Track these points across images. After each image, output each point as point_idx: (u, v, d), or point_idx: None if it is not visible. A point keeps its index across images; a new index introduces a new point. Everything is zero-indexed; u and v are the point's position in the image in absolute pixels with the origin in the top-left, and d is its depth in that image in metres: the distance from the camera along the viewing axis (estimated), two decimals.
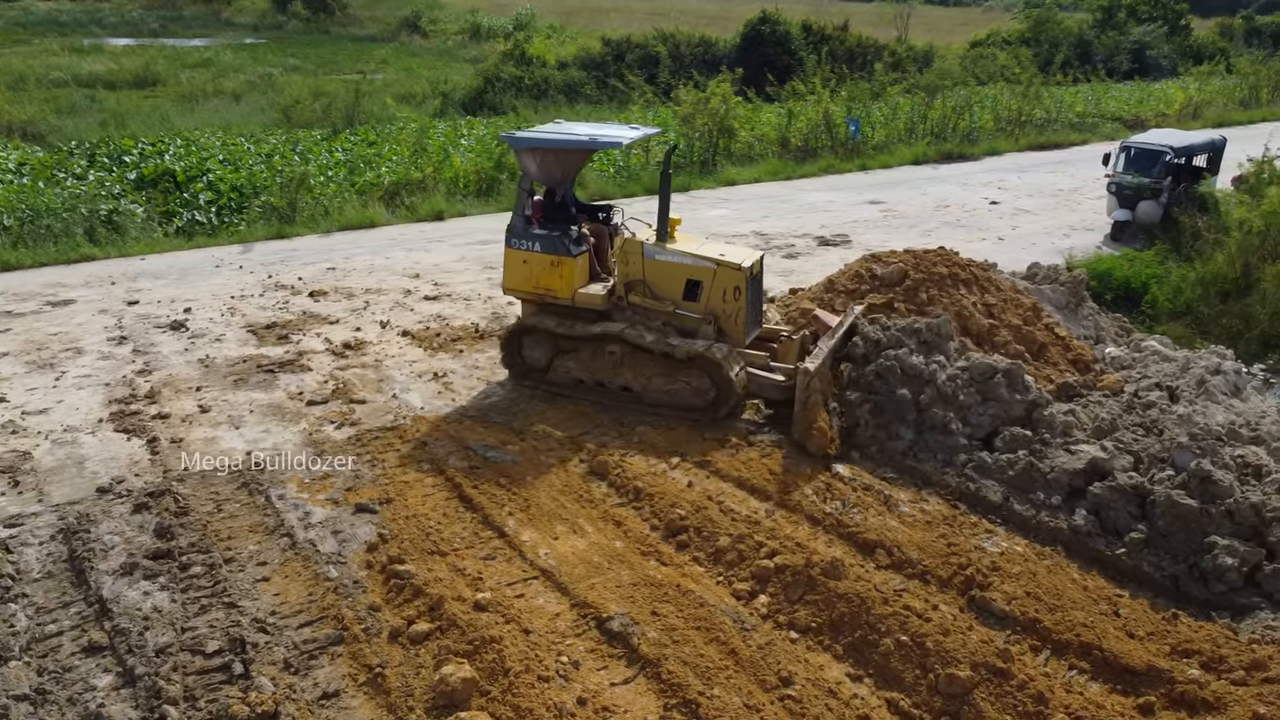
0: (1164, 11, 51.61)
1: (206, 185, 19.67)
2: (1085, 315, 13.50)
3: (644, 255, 9.94)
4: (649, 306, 10.00)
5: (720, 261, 9.80)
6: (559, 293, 10.06)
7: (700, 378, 9.73)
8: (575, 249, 10.00)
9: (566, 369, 10.29)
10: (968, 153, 26.14)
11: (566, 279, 9.99)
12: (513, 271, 10.25)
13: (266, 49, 47.48)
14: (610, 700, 6.26)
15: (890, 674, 6.68)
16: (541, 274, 10.06)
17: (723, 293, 9.82)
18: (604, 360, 10.05)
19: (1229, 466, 8.58)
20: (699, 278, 9.88)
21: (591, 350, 10.11)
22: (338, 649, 6.61)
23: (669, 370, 9.84)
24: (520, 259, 10.12)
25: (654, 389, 9.93)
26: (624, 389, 10.09)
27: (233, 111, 31.07)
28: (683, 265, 9.88)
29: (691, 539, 7.98)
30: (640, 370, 9.95)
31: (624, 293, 10.07)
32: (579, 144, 9.97)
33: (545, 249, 9.98)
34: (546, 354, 10.37)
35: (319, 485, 8.59)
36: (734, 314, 9.87)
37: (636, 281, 10.00)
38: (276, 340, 11.87)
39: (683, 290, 9.92)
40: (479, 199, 19.63)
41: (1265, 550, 7.87)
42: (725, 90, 23.34)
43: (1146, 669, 6.78)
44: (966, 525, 8.34)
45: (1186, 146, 17.85)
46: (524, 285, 10.24)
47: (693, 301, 9.92)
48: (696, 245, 10.20)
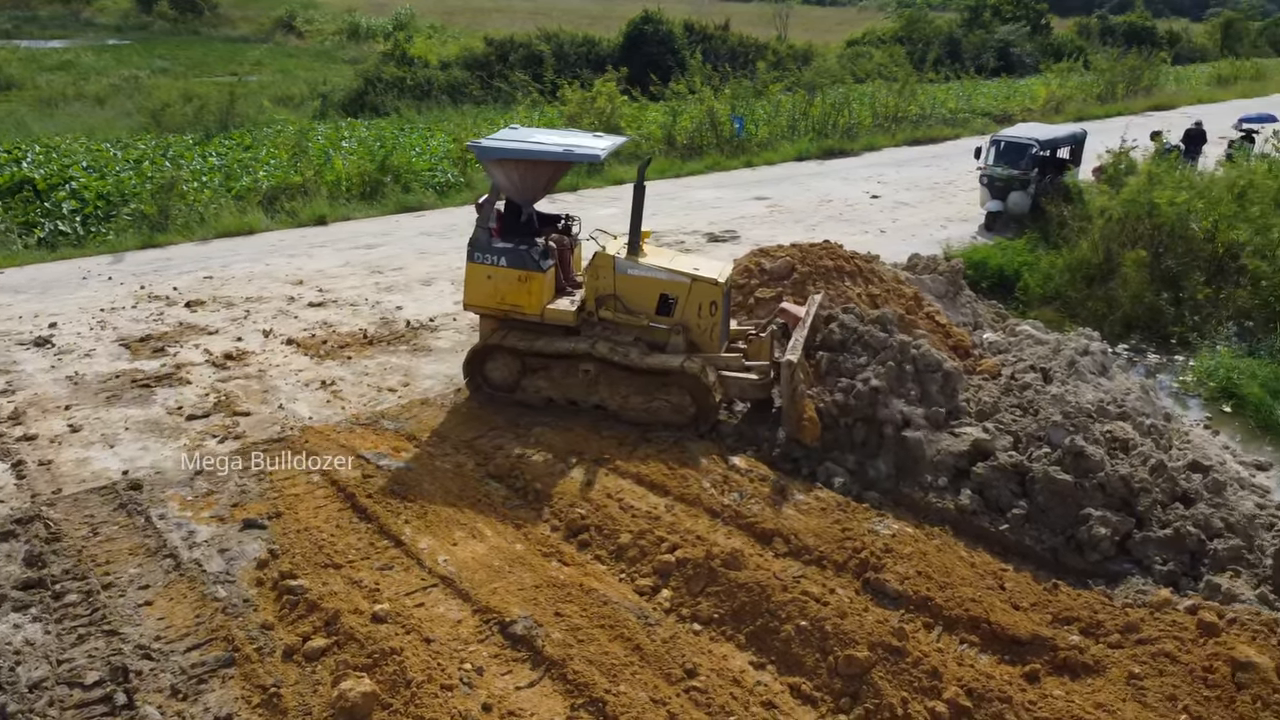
0: (1026, 11, 54.08)
1: (70, 194, 18.69)
2: (963, 303, 14.03)
3: (616, 270, 9.65)
4: (621, 321, 9.75)
5: (695, 276, 9.64)
6: (527, 309, 9.71)
7: (680, 394, 9.51)
8: (544, 263, 9.66)
9: (537, 388, 9.92)
10: (848, 148, 26.85)
11: (535, 295, 9.65)
12: (476, 287, 9.79)
13: (131, 50, 45.45)
14: (516, 704, 6.20)
15: (792, 659, 6.81)
16: (508, 290, 9.67)
17: (698, 307, 9.65)
18: (577, 378, 9.74)
19: (1099, 442, 9.05)
20: (673, 292, 9.68)
21: (564, 368, 9.77)
22: (229, 671, 6.36)
23: (647, 388, 9.58)
24: (484, 274, 9.69)
25: (632, 407, 9.64)
26: (598, 407, 9.77)
27: (97, 116, 29.62)
28: (657, 280, 9.67)
29: (593, 538, 7.97)
30: (616, 388, 9.65)
31: (595, 308, 9.78)
32: (555, 156, 9.55)
33: (512, 263, 9.59)
34: (513, 373, 9.99)
35: (203, 502, 8.25)
36: (709, 328, 9.72)
37: (608, 296, 9.73)
38: (152, 353, 11.34)
39: (656, 305, 9.73)
40: (363, 202, 19.17)
41: (1135, 519, 8.34)
42: (611, 89, 23.43)
43: (1031, 638, 7.08)
44: (859, 511, 8.56)
45: (1051, 139, 18.71)
46: (488, 302, 9.82)
47: (666, 316, 9.73)
48: (669, 259, 10.04)
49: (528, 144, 9.63)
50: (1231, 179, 16.86)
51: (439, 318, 12.80)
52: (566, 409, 9.89)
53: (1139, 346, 14.21)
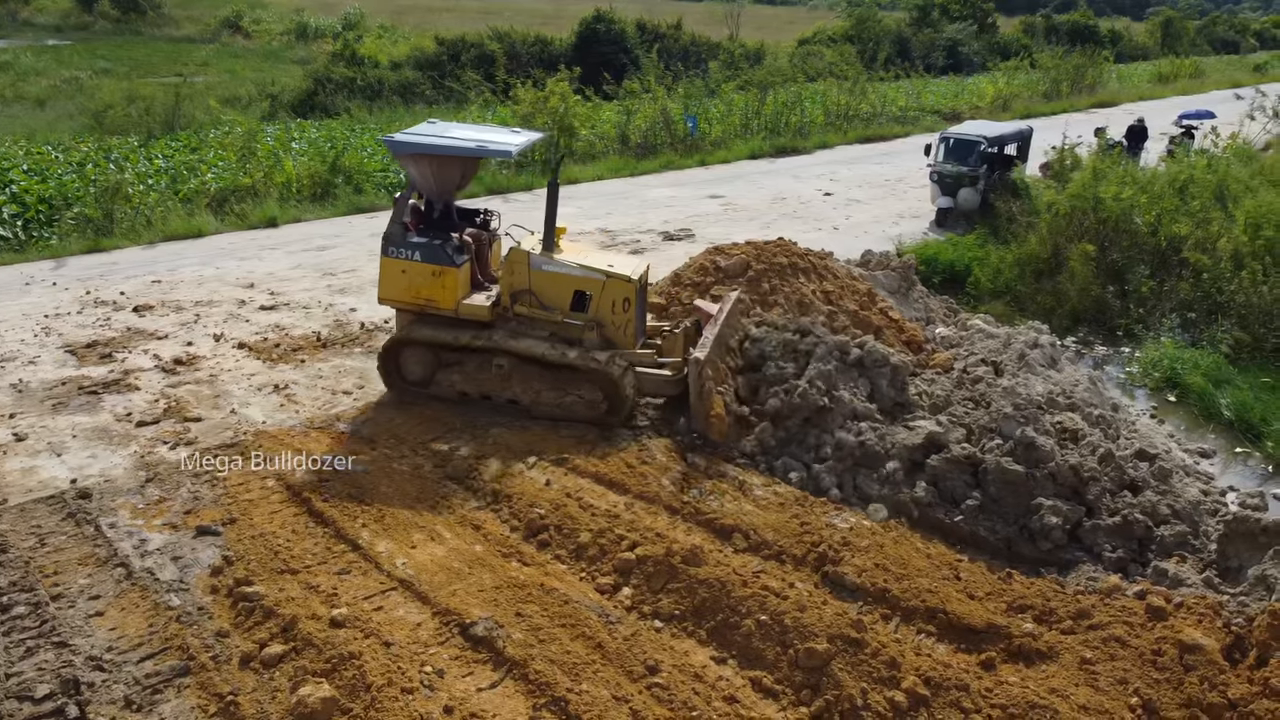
0: (973, 10, 54.90)
1: (10, 198, 18.20)
2: (916, 298, 14.23)
3: (531, 266, 9.68)
4: (536, 317, 9.76)
5: (609, 273, 9.70)
6: (441, 304, 9.72)
7: (592, 390, 9.58)
8: (458, 258, 9.66)
9: (450, 383, 9.93)
10: (800, 146, 27.06)
11: (450, 289, 9.65)
12: (390, 282, 9.81)
13: (72, 51, 44.39)
14: (478, 706, 6.18)
15: (753, 653, 6.86)
16: (422, 284, 9.68)
17: (611, 304, 9.71)
18: (490, 373, 9.78)
19: (1049, 432, 9.24)
20: (588, 289, 9.72)
21: (477, 363, 9.81)
22: (184, 680, 6.26)
23: (559, 383, 9.66)
24: (399, 269, 9.69)
25: (544, 402, 9.70)
26: (511, 402, 9.82)
27: (37, 118, 28.89)
28: (571, 276, 9.70)
29: (552, 537, 7.96)
30: (529, 383, 9.71)
31: (509, 303, 9.80)
32: (466, 151, 9.63)
33: (426, 258, 9.60)
34: (428, 368, 9.99)
35: (154, 510, 8.09)
36: (623, 324, 9.78)
37: (523, 292, 9.74)
38: (99, 359, 11.10)
39: (571, 301, 9.76)
40: (314, 204, 18.92)
41: (1085, 508, 8.52)
42: (564, 89, 23.36)
43: (986, 627, 7.22)
44: (817, 505, 8.64)
45: (999, 136, 19.02)
46: (403, 296, 9.83)
47: (580, 312, 9.77)
48: (584, 256, 10.04)
49: (440, 139, 9.63)
50: (1173, 174, 17.27)
51: (393, 320, 12.65)
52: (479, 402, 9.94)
53: (1086, 339, 14.49)
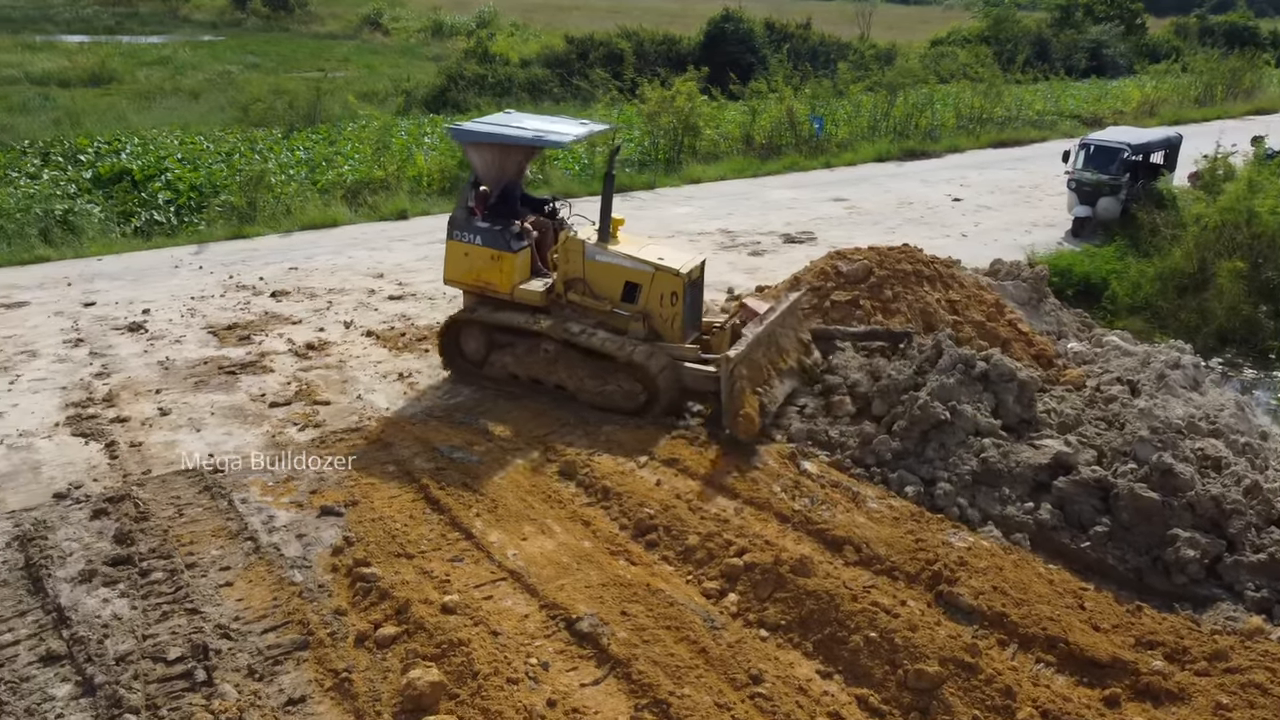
0: (1120, 10, 52.38)
1: (165, 184, 19.36)
2: (1047, 311, 13.66)
3: (585, 255, 9.94)
4: (587, 305, 10.00)
5: (658, 266, 9.81)
6: (499, 287, 10.09)
7: (630, 380, 9.73)
8: (516, 244, 9.99)
9: (502, 364, 10.26)
10: (930, 150, 26.34)
11: (506, 273, 10.00)
12: (454, 263, 10.30)
13: (225, 46, 46.80)
14: (580, 701, 6.22)
15: (860, 670, 6.71)
16: (482, 267, 10.09)
17: (660, 297, 9.84)
18: (539, 357, 10.04)
19: (1189, 459, 8.71)
20: (637, 280, 9.89)
21: (527, 346, 10.11)
22: (303, 654, 6.51)
23: (600, 372, 9.83)
24: (462, 251, 10.15)
25: (586, 390, 9.90)
26: (559, 387, 10.06)
27: (191, 110, 30.58)
28: (621, 267, 9.90)
29: (660, 538, 7.96)
30: (573, 370, 9.92)
31: (563, 290, 10.06)
32: (523, 140, 9.85)
33: (486, 242, 9.98)
34: (482, 347, 10.37)
35: (283, 488, 8.46)
36: (670, 318, 9.89)
37: (576, 280, 10.00)
38: (238, 341, 11.68)
39: (621, 291, 9.94)
40: (442, 197, 19.44)
41: (1226, 542, 8.00)
42: (690, 88, 23.35)
43: (1111, 661, 6.86)
44: (933, 521, 8.39)
45: (1144, 144, 18.11)
46: (464, 277, 10.30)
47: (630, 303, 9.94)
48: (637, 247, 10.17)
49: (501, 128, 9.93)
50: None
51: None
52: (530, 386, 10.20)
53: (1234, 361, 13.67)
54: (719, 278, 14.94)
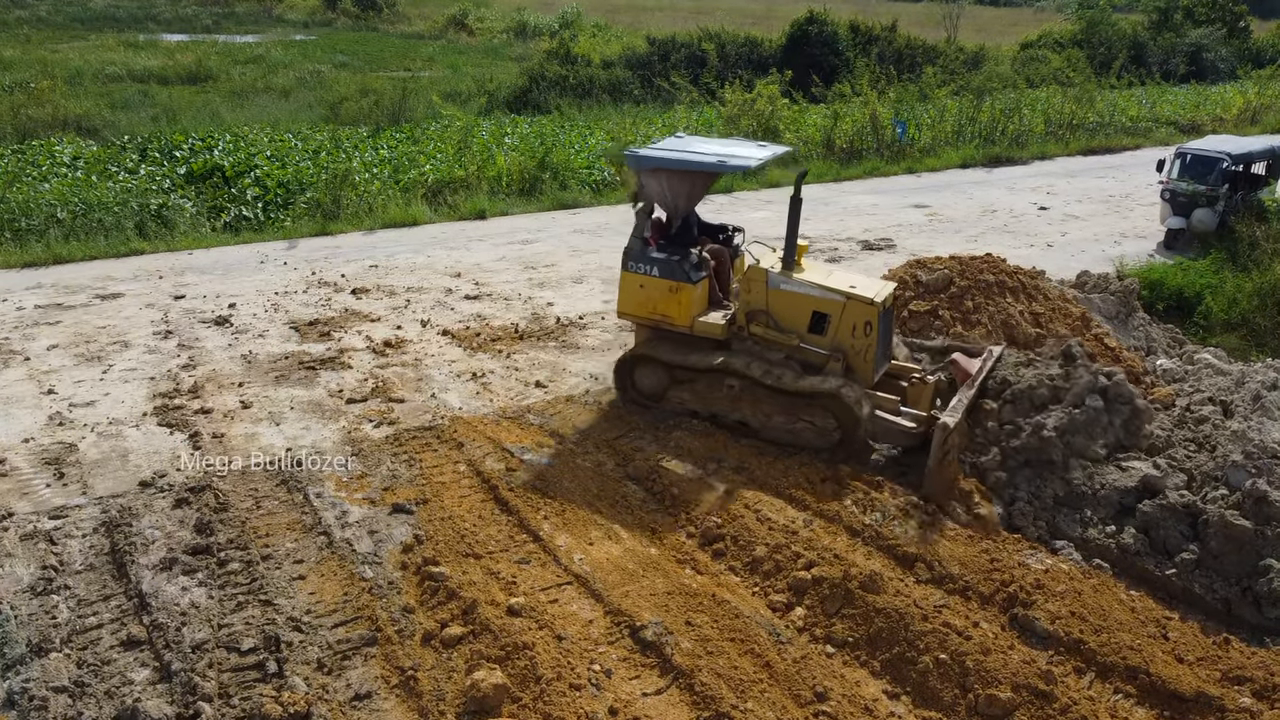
0: (1222, 13, 50.37)
1: (254, 181, 19.91)
2: (1136, 325, 13.19)
3: (768, 284, 9.34)
4: (771, 339, 9.42)
5: (850, 295, 9.18)
6: (677, 320, 9.57)
7: (825, 417, 9.15)
8: (695, 275, 9.45)
9: (680, 400, 9.82)
10: (1016, 156, 25.67)
11: (685, 306, 9.49)
12: (628, 296, 9.77)
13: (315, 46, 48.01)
14: (642, 710, 6.20)
15: (929, 692, 6.56)
16: (659, 300, 9.57)
17: (852, 327, 9.18)
18: (721, 393, 9.55)
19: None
20: (827, 310, 9.24)
21: (708, 382, 9.60)
22: (371, 650, 6.61)
23: (791, 407, 9.27)
24: (637, 283, 9.63)
25: (774, 426, 9.39)
26: (740, 423, 9.55)
27: (281, 108, 31.43)
28: (809, 297, 9.27)
29: (728, 547, 7.89)
30: (760, 406, 9.39)
31: (745, 322, 9.51)
32: (706, 166, 9.32)
33: (664, 274, 9.47)
34: (661, 382, 9.92)
35: (356, 484, 8.61)
36: (863, 350, 9.23)
37: (759, 311, 9.43)
38: (318, 337, 11.95)
39: (809, 323, 9.32)
40: (521, 198, 19.63)
41: None
42: (772, 91, 23.17)
43: (1196, 695, 6.59)
44: (1010, 541, 8.16)
45: (1245, 153, 17.37)
46: (640, 311, 9.77)
47: (819, 335, 9.30)
48: (825, 275, 9.60)
49: (681, 154, 9.43)
50: None
51: (588, 316, 12.96)
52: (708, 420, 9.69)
53: None
54: None
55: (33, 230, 15.80)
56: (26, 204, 16.44)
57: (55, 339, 11.68)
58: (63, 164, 20.02)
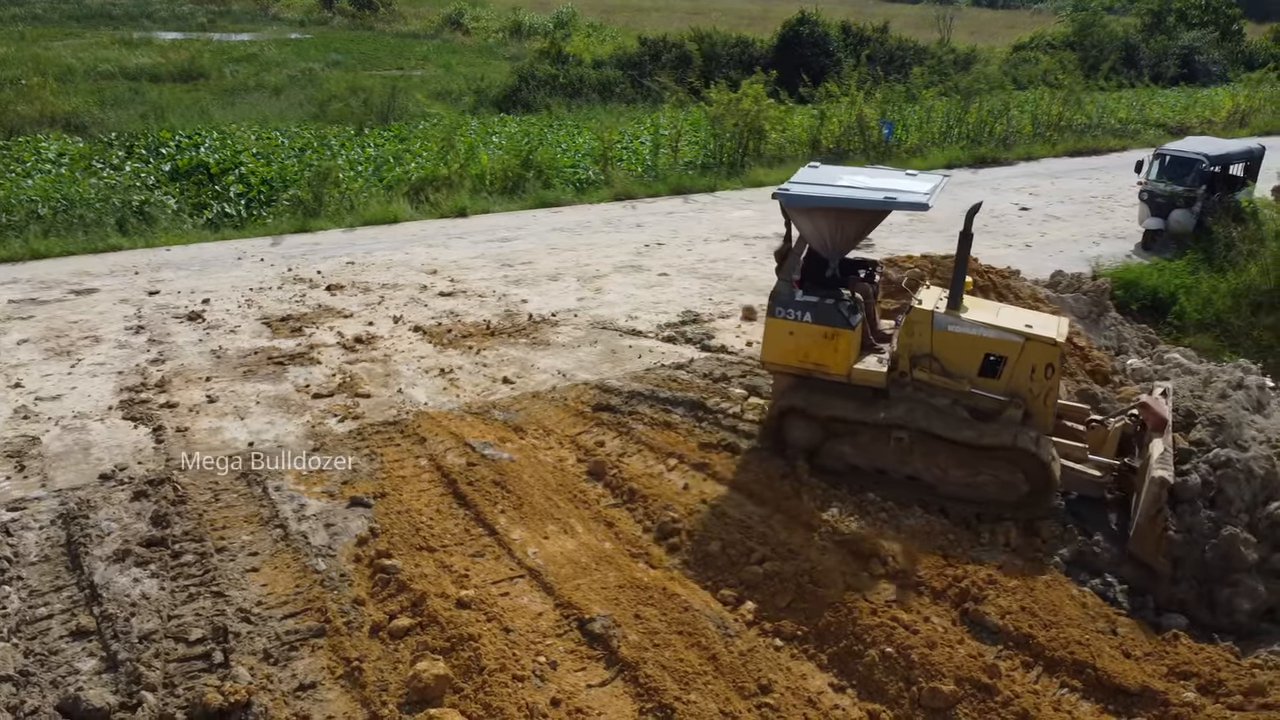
0: (1215, 16, 50.41)
1: (238, 178, 19.96)
2: (1108, 325, 13.25)
3: (934, 326, 8.51)
4: (938, 384, 8.59)
5: (1030, 335, 8.37)
6: (833, 369, 8.77)
7: (1011, 471, 8.40)
8: (853, 319, 8.68)
9: (840, 454, 8.97)
10: (1002, 157, 25.71)
11: (843, 353, 8.70)
12: (776, 344, 8.94)
13: (310, 44, 48.07)
14: (585, 702, 6.24)
15: (874, 685, 6.60)
16: (812, 347, 8.76)
17: (1030, 370, 8.38)
18: (888, 446, 8.73)
19: None
20: (1002, 352, 8.43)
21: (872, 434, 8.78)
22: (319, 641, 6.65)
23: (970, 460, 8.50)
24: (786, 330, 8.79)
25: (952, 481, 8.62)
26: (910, 479, 8.76)
27: (271, 106, 31.45)
28: (982, 338, 8.46)
29: (683, 542, 7.93)
30: (934, 459, 8.61)
31: (908, 368, 8.66)
32: (873, 204, 8.39)
33: (817, 319, 8.65)
34: (816, 435, 9.03)
35: (316, 478, 8.64)
36: (1043, 394, 8.44)
37: (924, 356, 8.59)
38: (290, 333, 11.98)
39: (980, 366, 8.54)
40: (504, 196, 19.67)
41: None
42: (757, 91, 23.19)
43: (1141, 690, 6.64)
44: (965, 537, 8.20)
45: (1223, 155, 17.40)
46: (790, 359, 8.92)
47: (992, 379, 8.50)
48: (994, 314, 8.81)
49: (842, 191, 8.53)
50: None
51: (560, 313, 12.99)
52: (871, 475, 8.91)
53: None
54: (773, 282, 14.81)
55: (13, 226, 15.83)
56: (8, 200, 16.50)
57: (26, 334, 11.71)
58: (47, 160, 20.06)
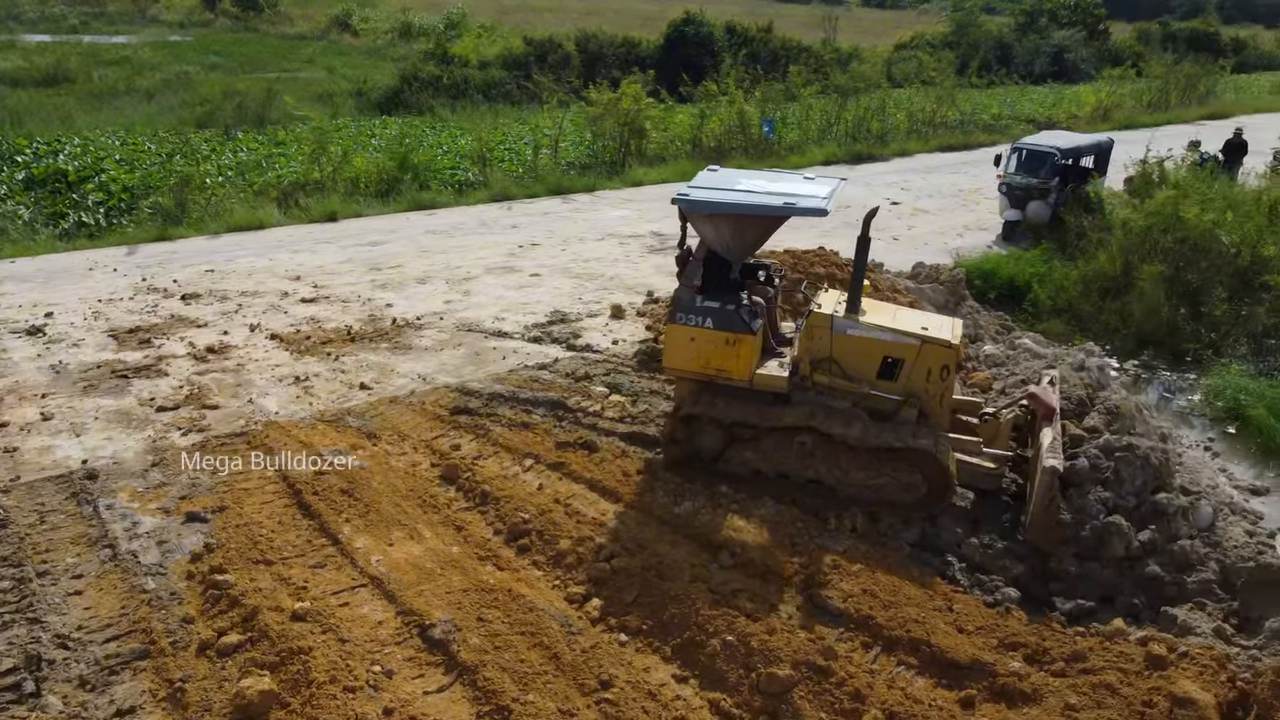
0: (1084, 16, 52.77)
1: (98, 186, 19.17)
2: (964, 313, 13.70)
3: (833, 330, 8.58)
4: (838, 387, 8.70)
5: (926, 338, 8.53)
6: (735, 374, 8.75)
7: (910, 472, 8.54)
8: (754, 323, 8.69)
9: (744, 460, 8.97)
10: (879, 153, 26.40)
11: (745, 359, 8.68)
12: (678, 350, 8.84)
13: (189, 47, 46.52)
14: (420, 709, 6.14)
15: (715, 674, 6.66)
16: (714, 353, 8.71)
17: (927, 372, 8.55)
18: (791, 451, 8.78)
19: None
20: (900, 355, 8.56)
21: (775, 439, 8.80)
22: (142, 664, 6.39)
23: (871, 462, 8.60)
24: (687, 336, 8.73)
25: (853, 483, 8.70)
26: (812, 481, 8.81)
27: (142, 111, 30.33)
28: (881, 341, 8.57)
29: (534, 542, 7.89)
30: (836, 462, 8.67)
31: (809, 371, 8.71)
32: (773, 210, 8.39)
33: (720, 324, 8.62)
34: (718, 442, 9.02)
35: (153, 494, 8.32)
36: (939, 395, 8.63)
37: (824, 359, 8.67)
38: (137, 345, 11.50)
39: (879, 369, 8.65)
40: (378, 199, 19.34)
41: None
42: (636, 91, 23.31)
43: (971, 662, 6.84)
44: (813, 525, 8.36)
45: (1074, 148, 18.16)
46: (692, 365, 8.84)
47: (890, 381, 8.64)
48: (891, 317, 8.90)
49: (741, 196, 8.55)
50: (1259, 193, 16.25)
51: (426, 316, 12.82)
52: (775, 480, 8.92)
53: (1150, 363, 13.71)
54: (644, 280, 14.93)
55: None
56: None
57: None
58: None
